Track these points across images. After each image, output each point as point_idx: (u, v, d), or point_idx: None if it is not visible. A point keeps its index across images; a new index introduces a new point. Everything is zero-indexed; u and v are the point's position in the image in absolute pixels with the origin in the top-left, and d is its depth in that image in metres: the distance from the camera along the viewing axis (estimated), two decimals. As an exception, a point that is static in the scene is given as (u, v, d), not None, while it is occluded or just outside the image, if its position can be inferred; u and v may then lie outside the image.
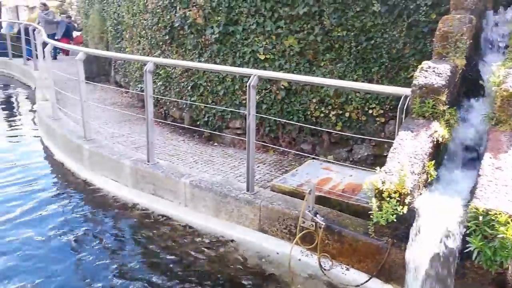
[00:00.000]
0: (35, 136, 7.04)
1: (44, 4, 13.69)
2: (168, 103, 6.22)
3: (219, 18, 5.05)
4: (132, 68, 7.41)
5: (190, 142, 5.69)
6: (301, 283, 3.25)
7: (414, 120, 2.88)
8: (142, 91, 6.84)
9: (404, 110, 2.90)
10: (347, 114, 4.54)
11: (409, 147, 2.68)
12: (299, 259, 3.32)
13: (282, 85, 4.83)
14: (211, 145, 5.58)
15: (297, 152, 4.72)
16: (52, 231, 4.01)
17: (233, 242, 3.72)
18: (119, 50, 8.04)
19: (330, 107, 4.61)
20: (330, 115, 4.62)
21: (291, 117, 4.85)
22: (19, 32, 12.34)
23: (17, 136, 7.27)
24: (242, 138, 5.07)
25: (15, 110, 9.64)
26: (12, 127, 7.89)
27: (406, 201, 2.43)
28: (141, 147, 5.21)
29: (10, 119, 8.73)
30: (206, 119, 5.57)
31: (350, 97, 4.47)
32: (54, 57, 11.60)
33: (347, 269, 3.09)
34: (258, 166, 4.65)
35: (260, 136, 5.09)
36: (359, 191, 3.60)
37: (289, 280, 3.26)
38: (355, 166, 4.08)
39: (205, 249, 3.70)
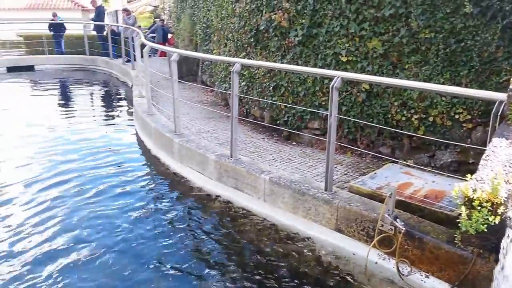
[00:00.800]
0: (131, 129, 7.56)
1: (126, 10, 14.69)
2: (250, 102, 6.34)
3: (303, 20, 5.04)
4: (218, 69, 7.65)
5: (270, 140, 5.74)
6: (377, 287, 3.14)
7: (510, 127, 2.64)
8: (227, 90, 7.09)
9: (498, 116, 2.67)
10: (430, 119, 4.29)
11: (504, 155, 2.46)
12: (376, 262, 3.21)
13: (363, 87, 4.69)
14: (290, 144, 5.58)
15: (376, 155, 4.56)
16: (141, 211, 4.33)
17: (309, 240, 3.69)
18: (207, 52, 8.35)
19: (412, 111, 4.39)
20: (413, 119, 4.40)
21: (371, 119, 4.70)
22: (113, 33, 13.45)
23: (115, 128, 7.87)
24: (321, 138, 5.03)
25: (114, 105, 10.44)
26: (111, 121, 8.55)
27: (499, 211, 2.24)
28: (224, 143, 5.37)
29: (109, 113, 9.49)
30: (285, 118, 5.59)
31: (435, 101, 4.22)
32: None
33: (427, 277, 2.93)
34: (336, 167, 4.56)
35: (338, 138, 4.99)
36: (442, 198, 3.39)
37: (365, 282, 3.17)
38: (437, 172, 3.85)
39: (281, 243, 3.72)
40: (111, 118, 8.87)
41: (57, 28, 14.19)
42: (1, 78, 12.59)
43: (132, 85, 10.27)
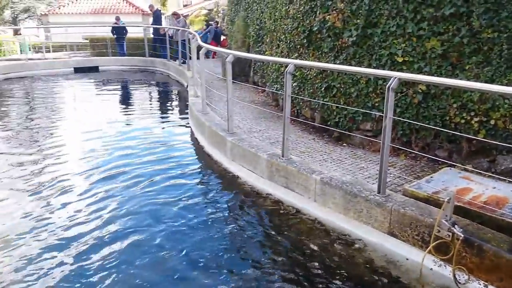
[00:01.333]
0: (186, 127, 7.75)
1: (175, 14, 15.09)
2: (301, 103, 6.27)
3: (358, 21, 4.91)
4: (269, 70, 7.65)
5: (320, 141, 5.65)
6: (432, 293, 3.00)
7: None
8: (278, 90, 7.07)
9: None
10: (492, 122, 4.02)
11: None
12: (431, 269, 3.06)
13: (420, 88, 4.49)
14: (340, 145, 5.46)
15: (431, 158, 4.35)
16: (191, 205, 4.45)
17: (360, 242, 3.59)
18: (259, 53, 8.37)
19: (472, 113, 4.13)
20: (472, 122, 4.14)
21: (427, 121, 4.48)
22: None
23: (171, 126, 8.12)
24: (374, 140, 4.87)
25: (170, 104, 10.77)
26: (167, 118, 8.83)
27: None
28: (275, 143, 5.36)
29: (165, 111, 9.80)
30: (337, 119, 5.48)
31: (497, 103, 3.95)
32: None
33: (485, 286, 2.75)
34: (389, 169, 4.39)
35: (391, 140, 4.80)
36: (504, 205, 3.16)
37: (419, 288, 3.03)
38: (499, 177, 3.60)
39: (332, 244, 3.64)
40: (168, 116, 9.15)
41: (119, 31, 14.85)
42: (69, 77, 13.38)
43: (187, 85, 10.53)
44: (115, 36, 14.96)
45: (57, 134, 7.44)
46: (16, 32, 20.39)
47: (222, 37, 14.90)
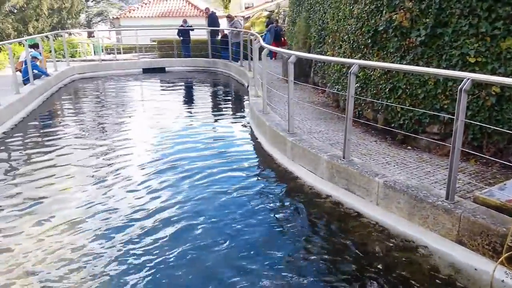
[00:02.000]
0: (246, 126, 7.89)
1: (229, 16, 15.40)
2: (363, 104, 6.14)
3: (427, 20, 4.71)
4: (331, 70, 7.57)
5: (382, 143, 5.50)
6: (503, 308, 2.82)
7: None
8: (339, 91, 6.98)
9: None
10: None
11: None
12: (502, 281, 2.87)
13: (493, 90, 4.22)
14: (404, 148, 5.28)
15: (505, 163, 4.07)
16: (250, 202, 4.54)
17: (425, 249, 3.45)
18: (320, 54, 8.30)
19: (554, 118, 3.82)
20: (554, 127, 3.83)
21: (500, 125, 4.20)
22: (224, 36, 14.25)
23: (231, 124, 8.30)
24: (442, 143, 4.65)
25: (231, 103, 11.00)
26: (228, 117, 9.03)
27: None
28: (335, 144, 5.30)
29: (227, 110, 10.03)
30: (401, 121, 5.30)
31: None
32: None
33: None
34: (457, 175, 4.18)
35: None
36: None
37: (489, 301, 2.86)
38: None
39: (394, 250, 3.54)
40: (228, 115, 9.37)
41: (185, 33, 15.42)
42: (138, 78, 14.12)
43: (248, 85, 10.71)
44: (181, 38, 15.55)
45: (124, 128, 7.97)
46: (90, 35, 21.88)
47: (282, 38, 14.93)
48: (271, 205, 4.52)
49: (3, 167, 5.83)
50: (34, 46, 10.93)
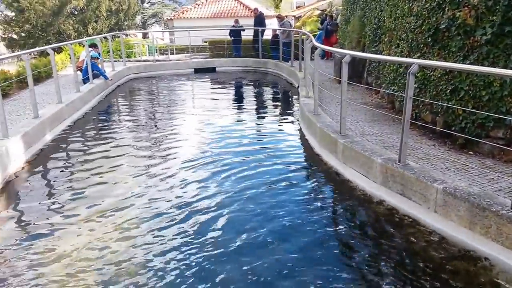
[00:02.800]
0: (296, 127, 7.86)
1: (279, 16, 15.39)
2: (420, 106, 5.91)
3: (494, 17, 4.46)
4: (386, 70, 7.36)
5: (441, 147, 5.27)
6: None
7: None
8: (395, 92, 6.77)
9: None
10: None
11: None
12: None
13: None
14: (465, 153, 5.02)
15: None
16: (298, 204, 4.52)
17: (486, 260, 3.27)
18: (375, 53, 8.09)
19: None
20: None
21: None
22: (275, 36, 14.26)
23: (280, 125, 8.31)
24: (507, 149, 4.38)
25: (280, 103, 11.01)
26: (277, 117, 9.04)
27: None
28: (390, 147, 5.15)
29: (276, 110, 10.05)
30: (463, 125, 5.04)
31: None
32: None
33: None
34: (524, 183, 3.93)
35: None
36: None
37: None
38: None
39: (452, 260, 3.38)
40: (277, 115, 9.38)
41: (236, 33, 15.64)
42: (190, 77, 14.51)
43: (298, 86, 10.66)
44: (232, 38, 15.78)
45: (175, 124, 8.29)
46: (145, 36, 22.75)
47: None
48: (319, 207, 4.47)
49: (63, 159, 6.28)
50: (93, 46, 11.56)
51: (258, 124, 8.32)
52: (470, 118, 4.93)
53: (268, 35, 16.22)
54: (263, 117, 9.02)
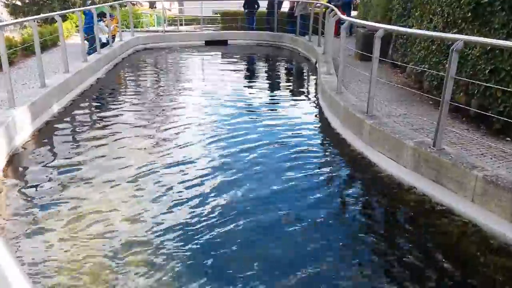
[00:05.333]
0: (315, 106, 7.67)
1: None
2: (454, 87, 5.67)
3: (546, -9, 4.19)
4: (415, 48, 7.09)
5: (476, 132, 5.07)
6: None
7: None
8: (424, 72, 6.52)
9: None
10: None
11: None
12: None
13: None
14: (503, 139, 4.82)
15: None
16: (319, 189, 4.35)
17: (529, 257, 3.13)
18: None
19: None
20: None
21: None
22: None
23: (298, 103, 8.10)
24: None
25: (297, 80, 10.78)
26: (294, 95, 8.83)
27: None
28: (419, 130, 4.98)
29: (292, 88, 9.83)
30: (501, 108, 4.82)
31: None
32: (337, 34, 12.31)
33: None
34: None
35: None
36: None
37: None
38: None
39: (491, 254, 3.25)
40: (294, 92, 9.18)
41: (250, 5, 15.25)
42: (200, 50, 14.25)
43: (316, 62, 10.40)
44: (246, 10, 15.41)
45: (184, 100, 8.09)
46: (152, 5, 22.34)
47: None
48: (343, 193, 4.34)
49: (70, 131, 6.22)
50: (102, 15, 11.30)
51: (273, 102, 8.14)
52: (510, 101, 4.71)
53: (285, 7, 15.80)
54: (279, 95, 8.83)
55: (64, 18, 14.79)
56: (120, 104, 7.68)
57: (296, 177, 4.58)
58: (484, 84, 4.94)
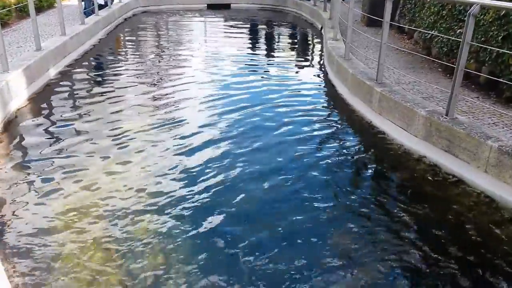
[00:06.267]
0: (320, 73, 7.47)
1: None
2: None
3: None
4: (424, 13, 6.82)
5: (486, 100, 4.92)
6: None
7: None
8: (431, 38, 6.29)
9: None
10: None
11: None
12: None
13: None
14: (513, 107, 4.69)
15: None
16: (328, 157, 4.24)
17: (544, 229, 3.06)
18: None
19: None
20: None
21: None
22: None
23: (302, 70, 7.89)
24: None
25: (301, 46, 10.49)
26: (298, 62, 8.59)
27: None
28: (429, 98, 4.84)
29: (296, 54, 9.56)
30: (513, 76, 4.66)
31: None
32: None
33: None
34: None
35: None
36: None
37: None
38: None
39: (504, 226, 3.17)
40: (299, 58, 8.93)
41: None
42: (202, 13, 13.83)
43: (321, 27, 10.10)
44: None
45: (184, 64, 7.88)
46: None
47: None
48: (351, 162, 4.23)
49: (67, 96, 6.04)
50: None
51: (276, 67, 7.90)
52: (524, 69, 4.54)
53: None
54: (282, 60, 8.58)
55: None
56: (118, 69, 7.46)
57: (303, 148, 4.45)
58: (498, 49, 4.75)
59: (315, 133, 4.83)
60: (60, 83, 6.48)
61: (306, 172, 3.96)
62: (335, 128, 5.10)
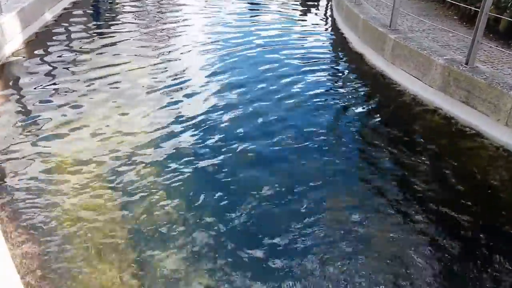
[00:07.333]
0: (326, 19, 7.08)
1: None
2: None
3: None
4: (441, -45, 6.34)
5: (506, 50, 4.64)
6: None
7: None
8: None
9: None
10: None
11: None
12: None
13: None
14: (535, 57, 4.43)
15: None
16: (337, 111, 4.07)
17: None
18: None
19: None
20: None
21: None
22: None
23: (308, 16, 7.47)
24: None
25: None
26: (303, 8, 8.12)
27: None
28: (445, 47, 4.55)
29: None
30: (537, 24, 4.36)
31: None
32: None
33: None
34: None
35: None
36: None
37: None
38: None
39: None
40: (304, 6, 8.45)
41: None
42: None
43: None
44: None
45: (186, 11, 7.44)
46: None
47: None
48: (360, 115, 4.02)
49: (64, 40, 5.72)
50: None
51: (280, 13, 7.46)
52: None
53: None
54: (286, 6, 8.09)
55: None
56: (117, 15, 7.08)
57: (309, 97, 4.26)
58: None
59: (320, 84, 4.58)
60: (57, 28, 6.12)
61: (311, 119, 3.81)
62: (343, 77, 4.86)
